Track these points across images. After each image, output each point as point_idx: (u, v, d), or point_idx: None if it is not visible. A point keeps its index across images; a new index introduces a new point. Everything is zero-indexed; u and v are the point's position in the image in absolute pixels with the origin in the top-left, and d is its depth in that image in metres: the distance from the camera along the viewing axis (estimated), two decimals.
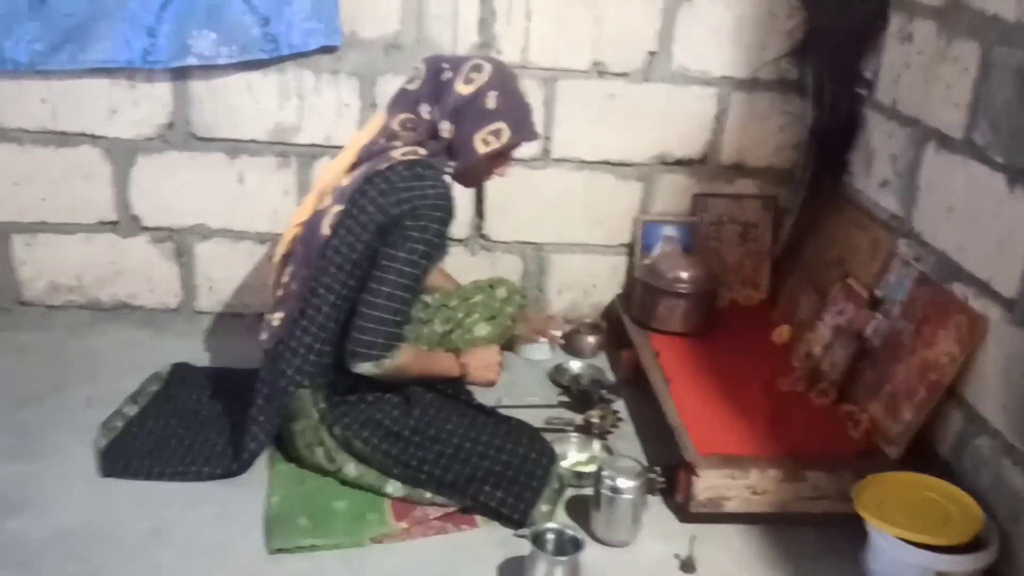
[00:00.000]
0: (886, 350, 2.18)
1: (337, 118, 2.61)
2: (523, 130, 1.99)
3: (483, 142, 1.93)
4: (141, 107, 2.57)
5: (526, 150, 2.65)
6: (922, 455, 2.03)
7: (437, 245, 1.92)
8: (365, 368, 1.89)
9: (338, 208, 1.94)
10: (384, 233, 1.90)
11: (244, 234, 2.72)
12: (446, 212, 1.92)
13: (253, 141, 2.63)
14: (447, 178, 1.98)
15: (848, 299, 2.37)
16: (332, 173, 2.05)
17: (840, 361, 2.27)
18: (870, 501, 1.85)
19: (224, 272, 2.75)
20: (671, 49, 2.63)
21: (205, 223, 2.71)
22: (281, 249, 2.09)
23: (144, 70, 2.51)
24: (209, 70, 2.53)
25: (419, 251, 1.88)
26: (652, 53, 2.63)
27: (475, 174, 2.05)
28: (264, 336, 2.04)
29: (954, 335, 1.99)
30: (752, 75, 2.67)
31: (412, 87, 1.97)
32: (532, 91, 2.61)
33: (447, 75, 1.93)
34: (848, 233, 2.52)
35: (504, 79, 1.95)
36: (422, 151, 1.95)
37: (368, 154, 2.00)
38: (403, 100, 1.98)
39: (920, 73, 2.25)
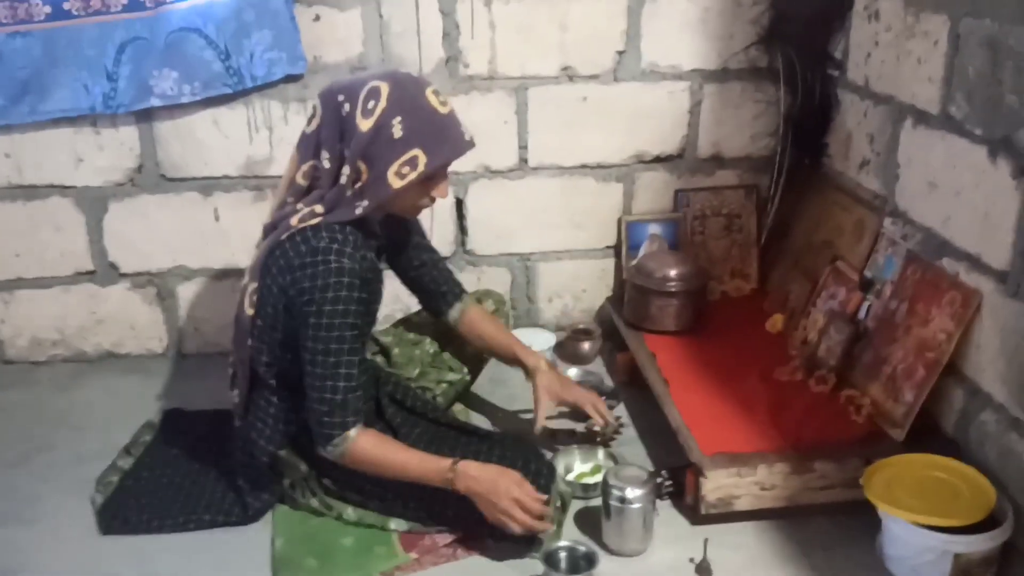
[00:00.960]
0: (881, 331, 2.16)
1: None
2: (441, 150, 1.77)
3: (397, 176, 1.75)
4: (108, 153, 2.53)
5: (502, 161, 2.64)
6: (927, 435, 2.02)
7: (342, 323, 1.77)
8: (324, 454, 1.84)
9: (253, 286, 1.89)
10: (290, 314, 1.82)
11: (226, 272, 2.68)
12: (339, 288, 1.75)
13: (225, 177, 2.59)
14: (348, 241, 1.78)
15: (838, 283, 2.36)
16: (254, 248, 1.97)
17: (836, 346, 2.25)
18: (880, 486, 1.83)
19: (208, 312, 2.72)
20: (639, 47, 2.60)
21: (184, 264, 2.67)
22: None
23: (107, 115, 2.47)
24: (173, 109, 2.49)
25: (322, 337, 1.77)
26: (620, 52, 2.61)
27: (405, 204, 1.87)
28: (235, 411, 2.03)
29: (948, 311, 1.98)
30: (722, 66, 2.65)
31: (311, 128, 1.83)
32: (502, 101, 2.60)
33: (346, 108, 1.76)
34: (832, 216, 2.51)
35: (405, 98, 1.75)
36: (319, 210, 1.80)
37: (272, 225, 1.90)
38: (304, 145, 1.85)
39: (890, 50, 2.24)
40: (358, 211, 1.80)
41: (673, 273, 2.52)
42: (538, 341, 2.66)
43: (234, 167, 2.59)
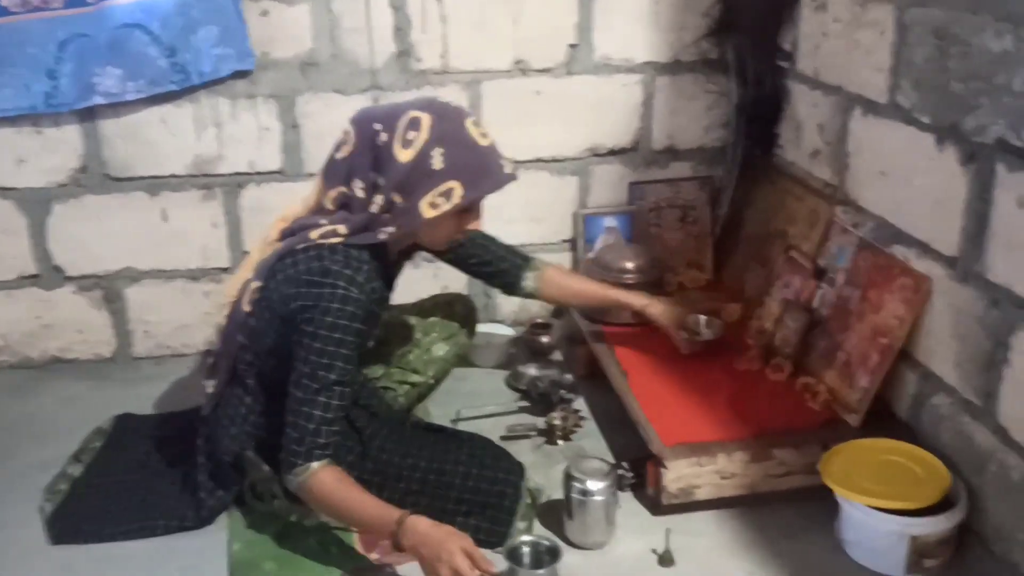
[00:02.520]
0: (835, 319, 2.19)
1: (259, 143, 2.54)
2: (480, 184, 1.74)
3: (430, 206, 1.72)
4: (50, 153, 2.47)
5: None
6: (883, 419, 2.04)
7: (335, 352, 1.72)
8: (284, 481, 1.76)
9: (257, 284, 1.84)
10: (289, 325, 1.76)
11: (175, 273, 2.63)
12: (341, 315, 1.71)
13: (173, 176, 2.54)
14: (362, 269, 1.75)
15: (793, 271, 2.38)
16: (261, 242, 1.93)
17: (792, 334, 2.27)
18: (837, 471, 1.85)
19: (158, 314, 2.66)
20: (591, 40, 2.60)
21: (133, 266, 2.61)
22: (223, 311, 1.98)
23: (49, 115, 2.40)
24: (118, 107, 2.43)
25: (312, 361, 1.71)
26: (573, 46, 2.60)
27: (434, 236, 1.85)
28: (205, 401, 1.99)
29: (900, 297, 2.00)
30: (674, 58, 2.66)
31: (342, 155, 1.80)
32: (456, 96, 2.58)
33: (383, 138, 1.73)
34: (785, 205, 2.53)
35: (447, 129, 1.72)
36: (342, 230, 1.77)
37: (291, 230, 1.86)
38: (334, 171, 1.81)
39: (839, 40, 2.26)
40: (382, 236, 1.76)
41: (629, 265, 2.53)
42: (496, 336, 2.66)
43: (182, 166, 2.54)
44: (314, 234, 1.78)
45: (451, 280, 2.74)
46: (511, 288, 2.23)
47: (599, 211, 2.77)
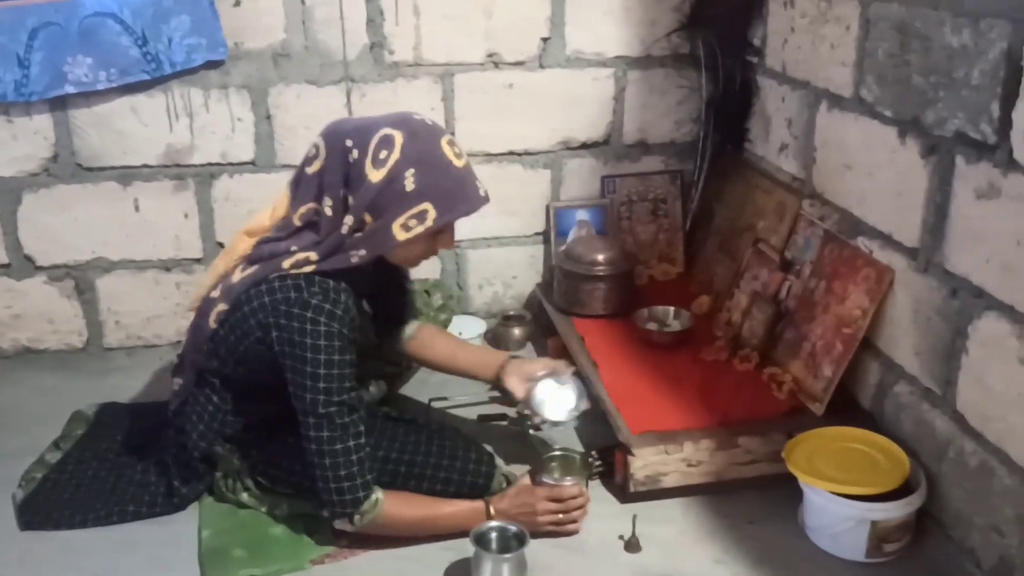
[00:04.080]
0: (801, 310, 2.22)
1: (231, 134, 2.54)
2: (453, 206, 1.71)
3: (403, 228, 1.69)
4: (21, 142, 2.46)
5: None
6: (846, 408, 2.08)
7: (339, 387, 1.71)
8: (341, 526, 1.78)
9: (223, 307, 1.82)
10: (268, 349, 1.74)
11: (147, 263, 2.63)
12: (331, 351, 1.69)
13: (145, 166, 2.54)
14: (340, 302, 1.72)
15: (760, 264, 2.41)
16: (226, 257, 1.88)
17: (759, 326, 2.31)
18: (800, 459, 1.88)
19: (130, 305, 2.65)
20: (564, 34, 2.62)
21: (104, 256, 2.60)
22: (194, 304, 1.96)
23: (19, 103, 2.39)
24: (89, 97, 2.43)
25: (321, 400, 1.69)
26: (545, 39, 2.62)
27: (406, 255, 1.81)
28: (172, 397, 1.99)
29: (863, 288, 2.04)
30: (645, 52, 2.68)
31: (312, 170, 1.76)
32: (428, 88, 2.59)
33: (354, 155, 1.69)
34: (754, 199, 2.57)
35: (421, 149, 1.69)
36: (314, 257, 1.74)
37: (259, 254, 1.81)
38: (303, 186, 1.78)
39: (805, 36, 2.29)
40: (354, 260, 1.73)
41: (601, 258, 2.55)
42: (469, 328, 2.68)
43: (154, 156, 2.53)
44: (286, 263, 1.75)
45: (427, 271, 2.76)
46: (396, 327, 2.15)
47: (571, 204, 2.80)
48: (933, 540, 1.85)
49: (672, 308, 2.54)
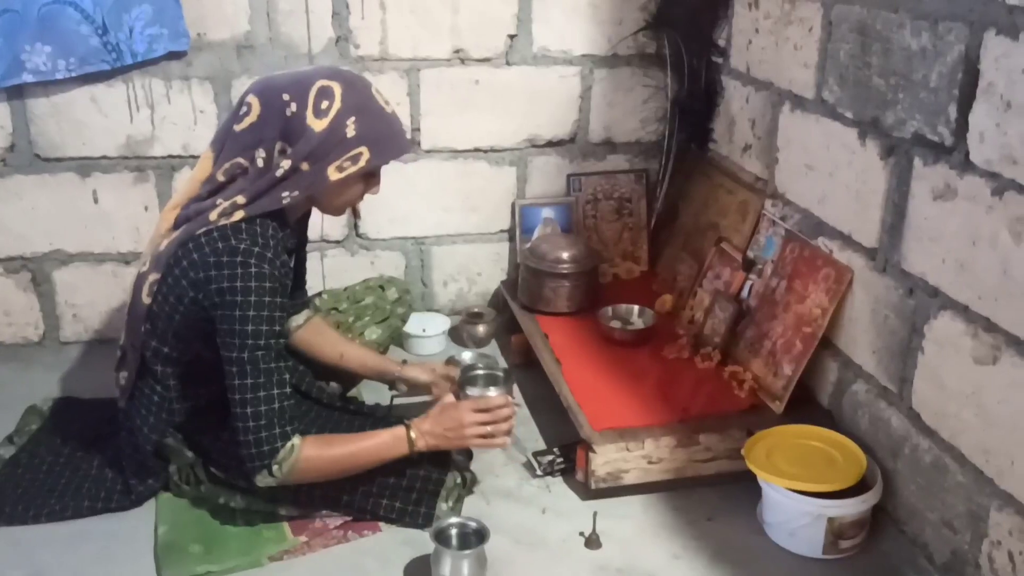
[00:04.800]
0: (762, 309, 2.24)
1: (193, 126, 2.51)
2: (385, 150, 1.78)
3: (337, 169, 1.73)
4: None
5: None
6: (805, 406, 2.10)
7: (268, 330, 1.70)
8: (261, 481, 1.73)
9: (155, 276, 1.81)
10: (202, 308, 1.73)
11: (105, 255, 2.59)
12: (263, 292, 1.68)
13: (104, 157, 2.50)
14: (269, 245, 1.73)
15: (723, 263, 2.43)
16: (155, 234, 1.88)
17: (721, 324, 2.32)
18: (759, 456, 1.90)
19: (88, 297, 2.61)
20: (531, 31, 2.63)
21: (62, 248, 2.56)
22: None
23: None
24: (48, 86, 2.39)
25: (250, 345, 1.68)
26: (512, 36, 2.62)
27: (336, 201, 1.84)
28: (119, 393, 1.96)
29: (823, 288, 2.06)
30: (612, 51, 2.69)
31: (242, 126, 1.75)
32: (394, 83, 2.58)
33: (292, 108, 1.71)
34: (718, 199, 2.58)
35: (360, 98, 1.75)
36: (241, 201, 1.74)
37: (184, 216, 1.81)
38: (232, 142, 1.77)
39: (769, 37, 2.31)
40: (285, 200, 1.74)
41: (565, 255, 2.56)
42: (433, 325, 2.67)
43: (114, 147, 2.50)
44: (213, 215, 1.75)
45: (389, 267, 2.75)
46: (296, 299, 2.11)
47: (536, 202, 2.80)
48: (888, 536, 1.87)
49: (635, 306, 2.55)
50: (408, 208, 2.72)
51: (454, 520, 1.81)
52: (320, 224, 2.63)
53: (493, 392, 1.93)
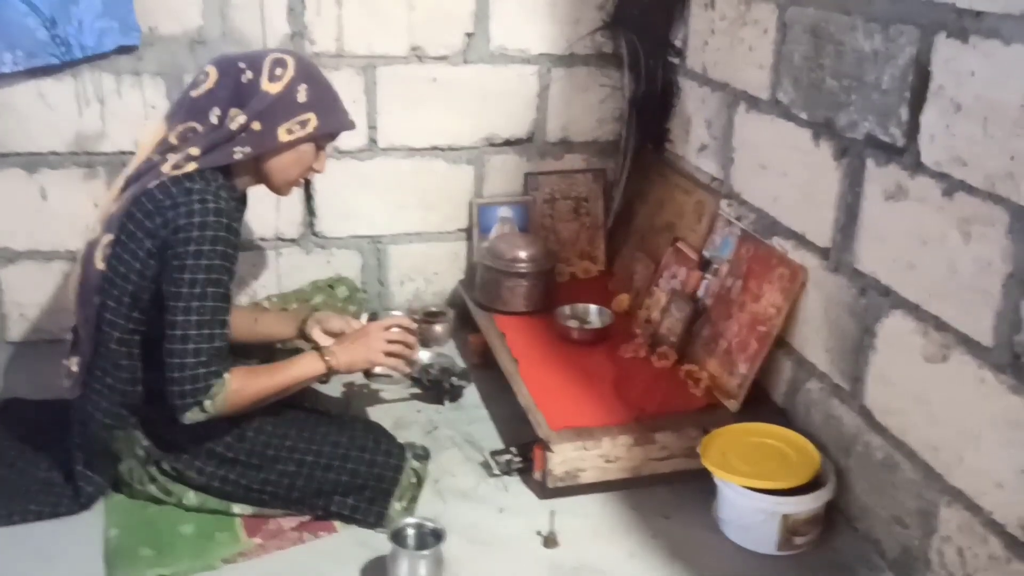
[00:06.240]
0: (718, 308, 2.26)
1: (144, 121, 2.46)
2: (334, 119, 1.88)
3: (287, 131, 1.80)
4: None
5: (351, 141, 2.59)
6: (760, 404, 2.13)
7: (220, 265, 1.73)
8: (191, 417, 1.73)
9: (108, 238, 1.79)
10: (158, 259, 1.74)
11: (54, 254, 2.53)
12: (219, 228, 1.72)
13: (53, 153, 2.44)
14: (223, 186, 1.79)
15: (679, 262, 2.45)
16: (106, 201, 1.89)
17: (677, 323, 2.34)
18: (715, 454, 1.91)
19: (36, 296, 2.55)
20: (488, 29, 2.62)
21: (8, 246, 2.50)
22: (72, 285, 1.91)
23: None
24: None
25: (201, 280, 1.70)
26: (469, 34, 2.61)
27: (283, 176, 1.88)
28: (67, 384, 1.91)
29: (777, 287, 2.08)
30: (569, 50, 2.69)
31: (198, 92, 1.81)
32: (350, 80, 2.56)
33: (248, 75, 1.79)
34: (674, 199, 2.60)
35: (311, 70, 1.86)
36: (194, 152, 1.77)
37: (136, 175, 1.83)
38: (187, 108, 1.82)
39: (725, 38, 2.33)
40: (236, 156, 1.80)
41: (523, 255, 2.55)
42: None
43: (62, 143, 2.44)
44: (166, 167, 1.78)
45: (343, 268, 2.72)
46: None
47: (494, 201, 2.79)
48: (841, 532, 1.90)
49: (592, 306, 2.55)
50: (364, 206, 2.70)
51: (411, 520, 1.79)
52: (275, 222, 2.61)
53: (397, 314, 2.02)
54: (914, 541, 1.71)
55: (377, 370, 2.04)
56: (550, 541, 1.86)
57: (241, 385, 1.77)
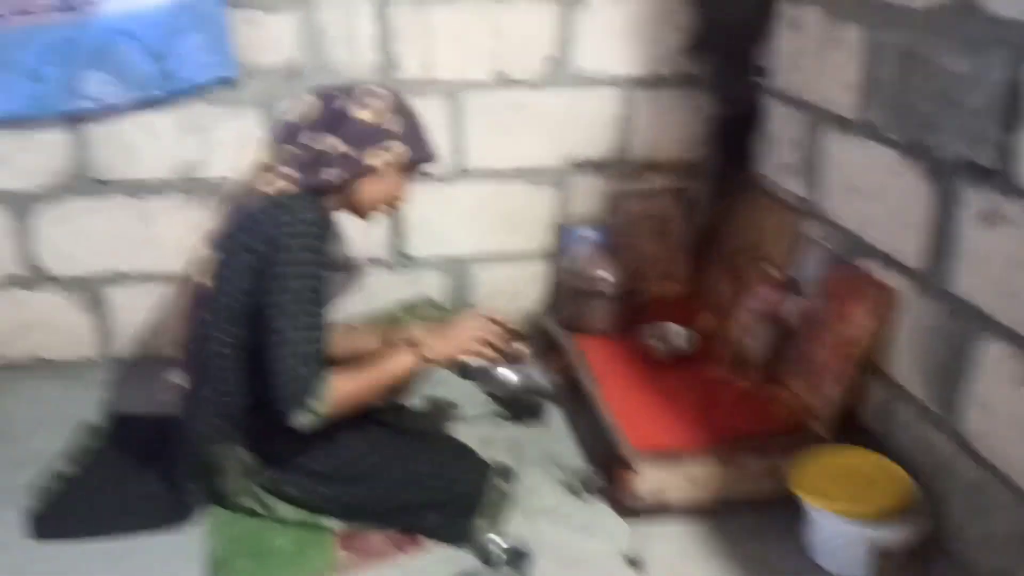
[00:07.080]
0: (805, 329, 2.24)
1: (242, 149, 2.55)
2: (421, 148, 1.95)
3: (374, 157, 1.88)
4: (34, 155, 2.49)
5: (438, 164, 2.65)
6: (848, 428, 2.09)
7: (315, 274, 1.80)
8: (300, 422, 1.78)
9: (213, 256, 1.89)
10: (259, 274, 1.81)
11: (157, 276, 2.65)
12: (314, 237, 1.81)
13: (156, 180, 2.57)
14: (319, 205, 1.87)
15: (764, 283, 2.43)
16: (212, 221, 1.99)
17: (762, 344, 2.32)
18: (804, 479, 1.89)
19: (140, 316, 2.68)
20: (571, 53, 2.65)
21: (116, 268, 2.63)
22: (180, 302, 2.03)
23: (34, 118, 2.42)
24: (103, 111, 2.46)
25: (298, 288, 1.77)
26: (553, 58, 2.65)
27: (368, 200, 1.94)
28: (173, 399, 2.01)
29: (866, 309, 2.06)
30: (652, 72, 2.71)
31: (297, 119, 1.90)
32: (438, 106, 2.62)
33: (339, 103, 1.87)
34: (759, 219, 2.59)
35: (400, 102, 1.93)
36: (290, 173, 1.85)
37: (240, 195, 1.93)
38: (287, 133, 1.91)
39: (812, 58, 2.32)
40: (326, 178, 1.86)
41: (605, 275, 2.57)
42: None
43: (166, 170, 2.57)
44: (266, 187, 1.86)
45: (428, 288, 2.78)
46: None
47: (577, 222, 2.82)
48: (935, 559, 1.85)
49: (675, 326, 2.56)
50: (450, 228, 2.76)
51: (496, 538, 1.82)
52: (363, 243, 2.68)
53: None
54: (1012, 569, 1.67)
55: (473, 364, 2.04)
56: (636, 564, 1.87)
57: (343, 384, 1.81)
